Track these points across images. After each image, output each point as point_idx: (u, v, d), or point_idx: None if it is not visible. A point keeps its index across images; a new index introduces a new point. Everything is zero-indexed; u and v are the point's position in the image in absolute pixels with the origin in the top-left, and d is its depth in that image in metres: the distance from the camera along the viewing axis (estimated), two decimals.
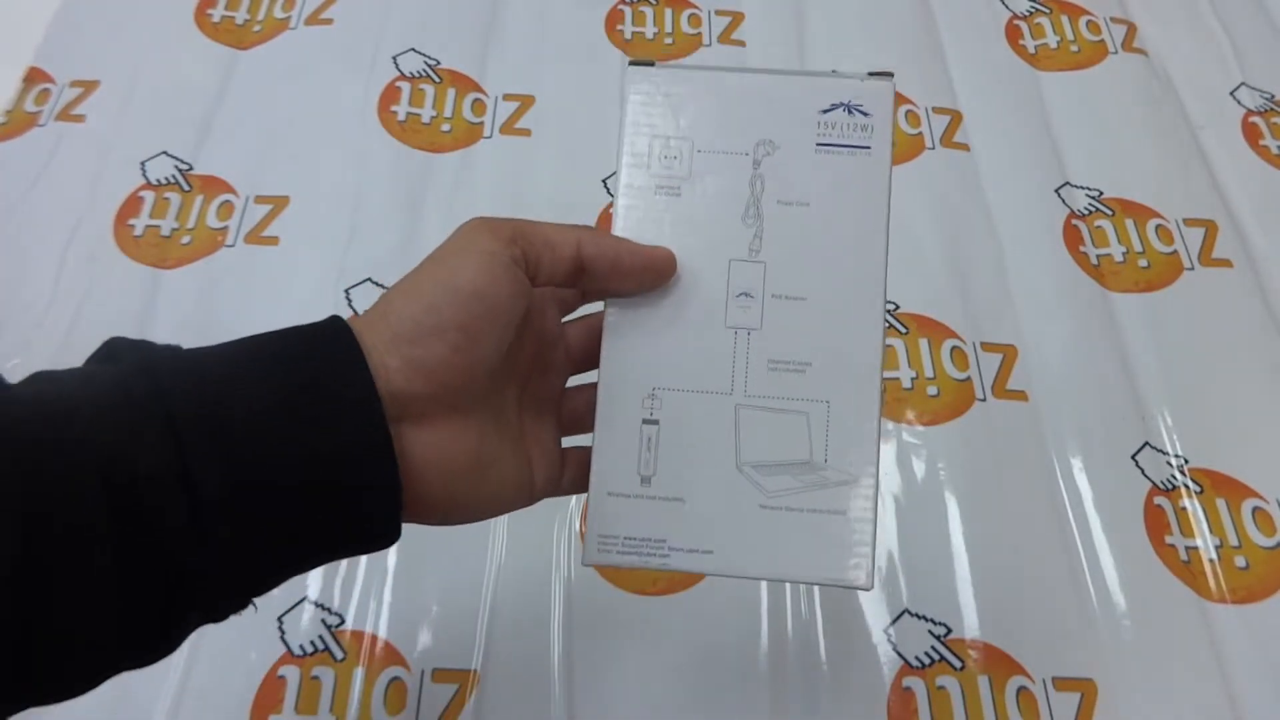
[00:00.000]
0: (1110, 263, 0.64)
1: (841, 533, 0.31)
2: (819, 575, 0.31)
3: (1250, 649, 0.50)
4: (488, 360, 0.29)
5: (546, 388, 0.34)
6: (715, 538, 0.31)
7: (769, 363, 0.32)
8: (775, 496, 0.31)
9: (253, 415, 0.25)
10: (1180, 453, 0.56)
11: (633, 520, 0.32)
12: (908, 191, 0.66)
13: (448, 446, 0.29)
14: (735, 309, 0.32)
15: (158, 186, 0.65)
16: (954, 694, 0.48)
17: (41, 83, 0.70)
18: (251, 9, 0.75)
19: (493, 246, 0.29)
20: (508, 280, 0.29)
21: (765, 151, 0.33)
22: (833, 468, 0.31)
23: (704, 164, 0.33)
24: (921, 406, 0.57)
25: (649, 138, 0.34)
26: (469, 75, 0.71)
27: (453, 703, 0.47)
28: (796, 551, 0.31)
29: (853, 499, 0.31)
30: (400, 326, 0.28)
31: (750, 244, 0.33)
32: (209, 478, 0.24)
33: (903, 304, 0.61)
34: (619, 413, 0.32)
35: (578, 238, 0.31)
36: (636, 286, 0.33)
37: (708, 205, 0.33)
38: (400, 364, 0.27)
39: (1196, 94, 0.72)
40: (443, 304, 0.28)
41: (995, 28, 0.76)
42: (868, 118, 0.33)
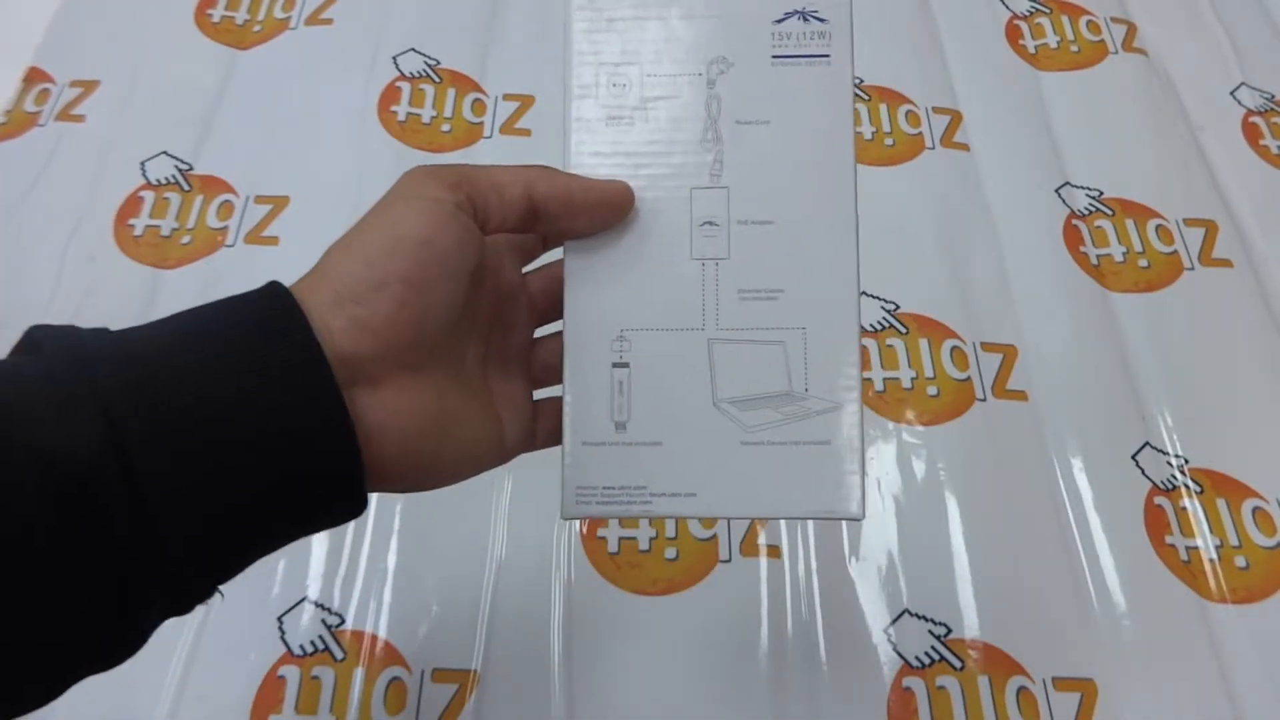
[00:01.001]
0: (1110, 263, 0.64)
1: (828, 463, 0.30)
2: (808, 508, 0.30)
3: (1250, 649, 0.50)
4: (438, 313, 0.28)
5: (512, 341, 0.33)
6: (697, 479, 0.30)
7: (739, 292, 0.31)
8: (756, 431, 0.30)
9: (194, 399, 0.23)
10: (1180, 453, 0.56)
11: (610, 468, 0.30)
12: (908, 191, 0.66)
13: (405, 408, 0.27)
14: (700, 239, 0.31)
15: (158, 186, 0.65)
16: (954, 694, 0.48)
17: (41, 83, 0.70)
18: (251, 9, 0.75)
19: (436, 193, 0.28)
20: (454, 227, 0.28)
21: (719, 69, 0.31)
22: (814, 396, 0.30)
23: (655, 89, 0.31)
24: (921, 406, 0.57)
25: (595, 66, 0.32)
26: (469, 75, 0.71)
27: (453, 703, 0.47)
28: (782, 486, 0.30)
29: (837, 427, 0.30)
30: (342, 285, 0.26)
31: (711, 169, 0.31)
32: (153, 471, 0.23)
33: (903, 304, 0.61)
34: (587, 359, 0.31)
35: (527, 178, 0.29)
36: (593, 225, 0.31)
37: (663, 132, 0.31)
38: (345, 325, 0.26)
39: (1196, 94, 0.72)
40: (385, 256, 0.27)
41: (995, 28, 0.76)
42: (825, 24, 0.31)
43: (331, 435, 0.25)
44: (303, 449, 0.25)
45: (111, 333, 0.25)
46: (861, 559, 0.52)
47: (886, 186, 0.66)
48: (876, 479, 0.54)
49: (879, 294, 0.61)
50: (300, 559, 0.51)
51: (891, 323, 0.60)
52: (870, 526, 0.53)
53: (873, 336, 0.60)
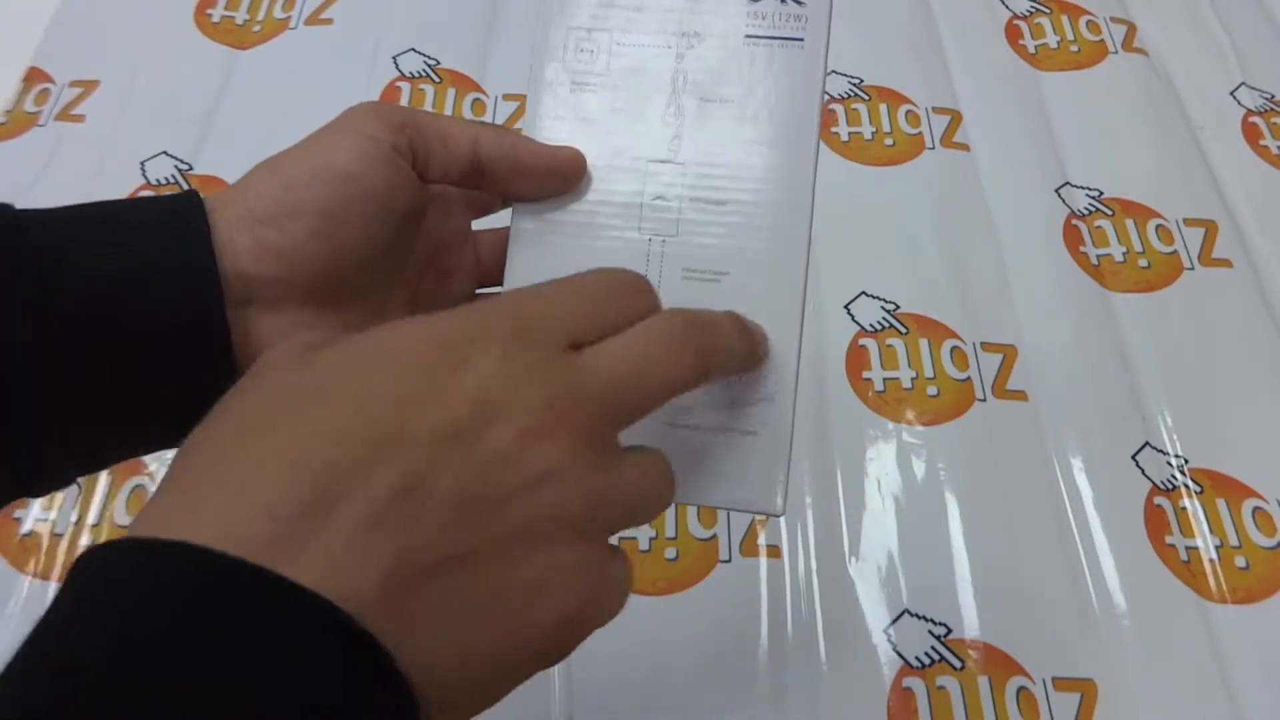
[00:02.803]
0: (1110, 263, 0.64)
1: (754, 454, 0.28)
2: (728, 499, 0.29)
3: (1250, 649, 0.50)
4: (354, 251, 0.27)
5: (444, 295, 0.32)
6: None
7: (683, 271, 0.30)
8: (682, 414, 0.29)
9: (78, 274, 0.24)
10: (1180, 453, 0.56)
11: None
12: (908, 191, 0.66)
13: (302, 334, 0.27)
14: (650, 213, 0.30)
15: (158, 186, 0.65)
16: (954, 694, 0.48)
17: (41, 83, 0.70)
18: (251, 9, 0.75)
19: (375, 131, 0.27)
20: (384, 168, 0.27)
21: (689, 44, 0.31)
22: (746, 385, 0.29)
23: (623, 57, 0.31)
24: (921, 406, 0.57)
25: (564, 30, 0.31)
26: (469, 75, 0.71)
27: None
28: (705, 474, 0.29)
29: (767, 419, 0.29)
30: (255, 204, 0.26)
31: (669, 144, 0.30)
32: (16, 333, 0.22)
33: (903, 304, 0.61)
34: None
35: (477, 134, 0.29)
36: (540, 189, 0.30)
37: (625, 102, 0.30)
38: (250, 243, 0.25)
39: (1196, 94, 0.72)
40: (303, 183, 0.26)
41: (995, 28, 0.76)
42: (802, 7, 0.30)
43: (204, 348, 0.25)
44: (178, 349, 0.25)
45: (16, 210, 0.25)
46: (861, 559, 0.52)
47: (886, 186, 0.66)
48: (877, 479, 0.54)
49: (879, 294, 0.61)
50: None
51: (891, 323, 0.60)
52: (870, 526, 0.53)
53: (873, 336, 0.60)
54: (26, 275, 0.23)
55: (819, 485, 0.54)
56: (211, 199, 0.26)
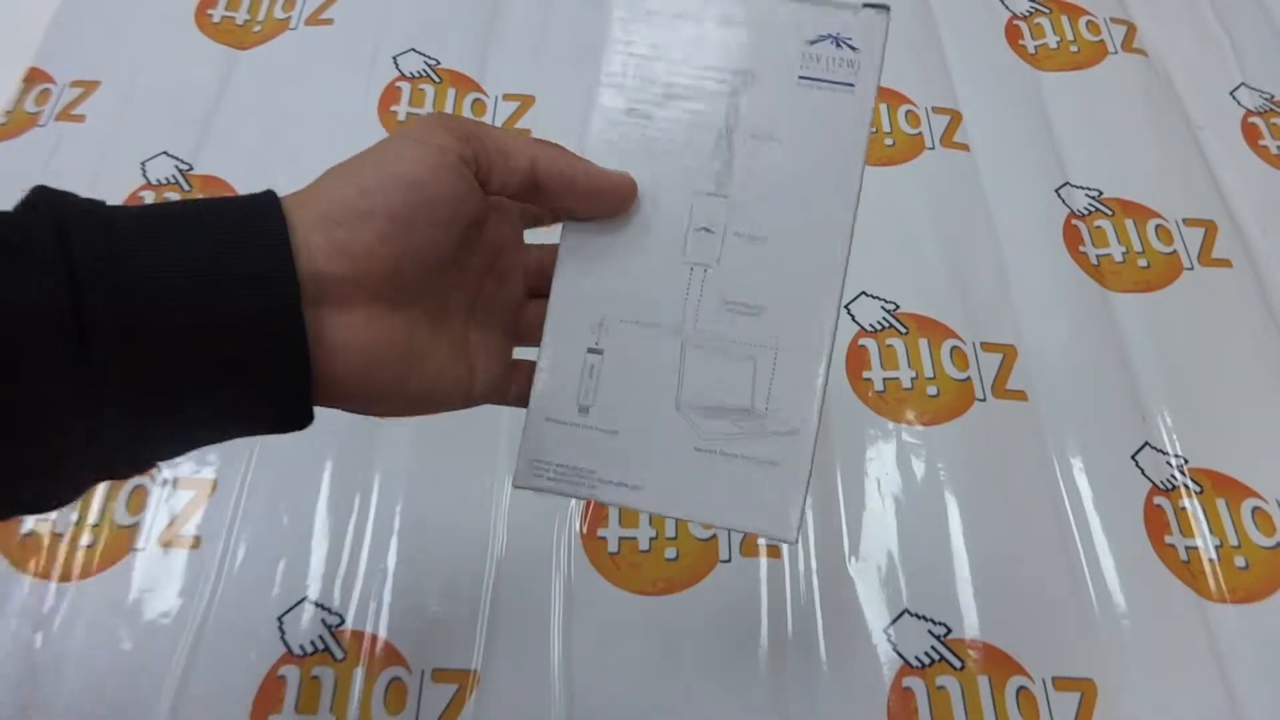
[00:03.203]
0: (1110, 263, 0.64)
1: (772, 483, 0.30)
2: (743, 523, 0.30)
3: (1250, 649, 0.50)
4: (421, 254, 0.28)
5: (500, 298, 0.33)
6: (645, 474, 0.31)
7: (723, 302, 0.31)
8: (710, 440, 0.30)
9: (157, 271, 0.24)
10: (1180, 453, 0.56)
11: (566, 448, 0.31)
12: (908, 191, 0.66)
13: (371, 334, 0.28)
14: (694, 243, 0.31)
15: (158, 186, 0.65)
16: (954, 694, 0.48)
17: (41, 83, 0.70)
18: (251, 9, 0.75)
19: (443, 141, 0.28)
20: (451, 177, 0.28)
21: (744, 81, 0.32)
22: (772, 417, 0.31)
23: (679, 89, 0.32)
24: (921, 406, 0.57)
25: (626, 56, 0.32)
26: (469, 75, 0.71)
27: (453, 703, 0.47)
28: (725, 497, 0.30)
29: (788, 450, 0.30)
30: (330, 206, 0.27)
31: (717, 177, 0.31)
32: (102, 326, 0.23)
33: (903, 304, 0.61)
34: (565, 338, 0.32)
35: (535, 153, 0.30)
36: (593, 210, 0.32)
37: (678, 133, 0.32)
38: (324, 243, 0.27)
39: (1196, 94, 0.72)
40: (376, 189, 0.27)
41: (995, 28, 0.76)
42: (855, 53, 0.32)
43: (284, 339, 0.26)
44: (254, 345, 0.25)
45: (104, 205, 0.26)
46: (861, 559, 0.52)
47: (886, 186, 0.66)
48: (877, 479, 0.54)
49: (879, 294, 0.61)
50: (300, 559, 0.51)
51: (891, 323, 0.60)
52: (870, 526, 0.53)
53: (873, 336, 0.60)
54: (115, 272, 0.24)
55: (819, 485, 0.54)
56: (287, 200, 0.27)
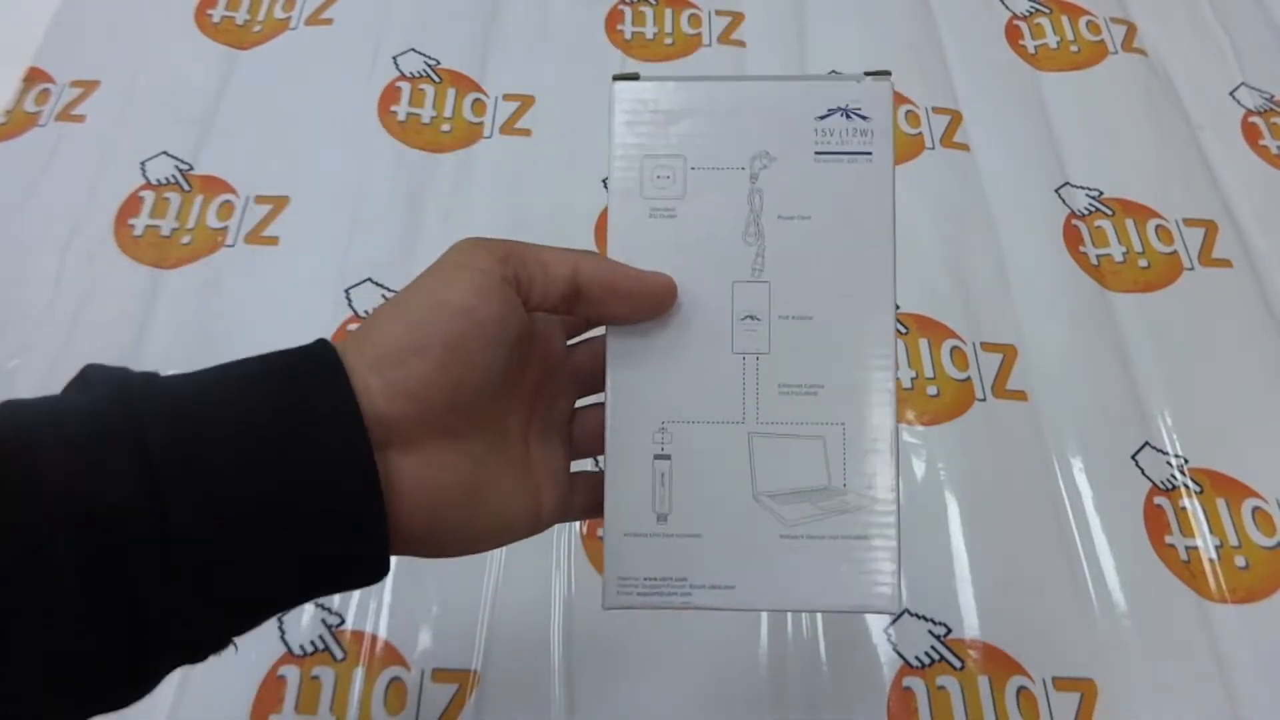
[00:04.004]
0: (1110, 263, 0.64)
1: (865, 557, 0.30)
2: (845, 602, 0.30)
3: (1250, 649, 0.50)
4: (477, 380, 0.28)
5: (554, 413, 0.33)
6: (736, 572, 0.31)
7: (780, 387, 0.31)
8: (795, 525, 0.30)
9: (228, 441, 0.24)
10: (1180, 453, 0.56)
11: (652, 560, 0.31)
12: (908, 191, 0.66)
13: (438, 473, 0.28)
14: (741, 333, 0.31)
15: (158, 186, 0.65)
16: (954, 694, 0.48)
17: (41, 83, 0.70)
18: (251, 9, 0.75)
19: (485, 264, 0.28)
20: (498, 298, 0.28)
21: (762, 164, 0.32)
22: (852, 491, 0.31)
23: (699, 182, 0.32)
24: (921, 406, 0.57)
25: (640, 158, 0.32)
26: (469, 75, 0.71)
27: (453, 703, 0.47)
28: (820, 580, 0.30)
29: (874, 522, 0.30)
30: (384, 346, 0.27)
31: (753, 264, 0.31)
32: (182, 510, 0.23)
33: (903, 304, 0.61)
34: (629, 449, 0.31)
35: (575, 261, 0.30)
36: (635, 314, 0.31)
37: (706, 225, 0.32)
38: (383, 385, 0.26)
39: (1196, 94, 0.72)
40: (427, 320, 0.27)
41: (995, 28, 0.76)
42: (867, 122, 0.32)
43: (360, 492, 0.25)
44: (331, 503, 0.25)
45: (159, 379, 0.26)
46: None
47: None
48: None
49: None
50: None
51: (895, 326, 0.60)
52: None
53: None
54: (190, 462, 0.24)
55: None
56: (341, 346, 0.27)
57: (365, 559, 0.26)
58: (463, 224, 0.63)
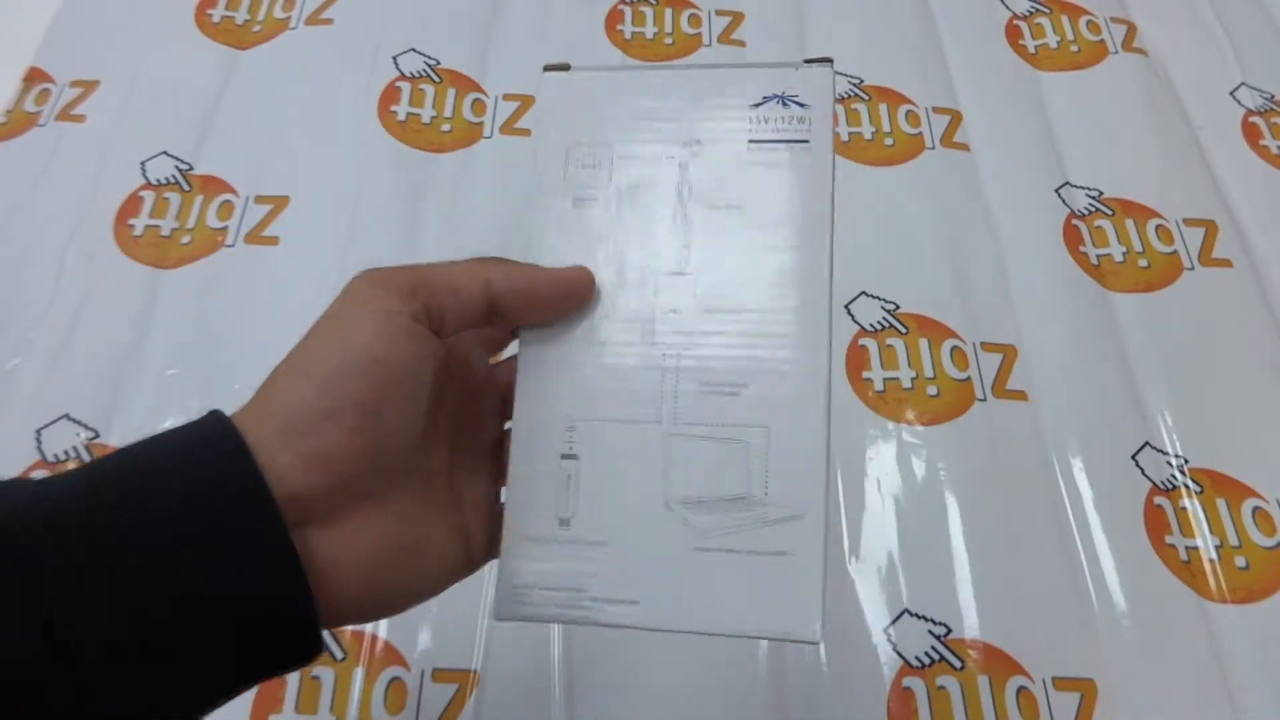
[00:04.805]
0: (1110, 263, 0.64)
1: (786, 577, 0.27)
2: (761, 628, 0.27)
3: (1250, 649, 0.50)
4: (396, 437, 0.26)
5: (479, 441, 0.31)
6: (641, 586, 0.28)
7: (701, 385, 0.28)
8: (709, 537, 0.27)
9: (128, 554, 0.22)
10: (1180, 453, 0.56)
11: (551, 568, 0.28)
12: (908, 191, 0.66)
13: (363, 542, 0.25)
14: (664, 327, 0.29)
15: (158, 186, 0.65)
16: (954, 694, 0.48)
17: (41, 83, 0.70)
18: (251, 9, 0.75)
19: (390, 304, 0.26)
20: (409, 343, 0.26)
21: (692, 152, 0.30)
22: (775, 502, 0.27)
23: (626, 170, 0.30)
24: (921, 406, 0.57)
25: (565, 146, 0.31)
26: (469, 75, 0.71)
27: (453, 703, 0.47)
28: (734, 600, 0.27)
29: (798, 537, 0.27)
30: (290, 413, 0.24)
31: (678, 255, 0.29)
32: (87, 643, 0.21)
33: (903, 304, 0.61)
34: (535, 448, 0.29)
35: (485, 274, 0.28)
36: (557, 315, 0.30)
37: (630, 216, 0.30)
38: (293, 459, 0.24)
39: (1196, 94, 0.72)
40: (335, 380, 0.25)
41: (995, 28, 0.76)
42: (805, 109, 0.30)
43: (282, 583, 0.23)
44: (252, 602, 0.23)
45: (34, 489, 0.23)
46: (861, 559, 0.52)
47: (886, 186, 0.66)
48: (877, 479, 0.54)
49: (879, 294, 0.61)
50: None
51: (891, 323, 0.60)
52: (870, 526, 0.53)
53: (873, 336, 0.60)
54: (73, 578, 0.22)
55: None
56: (240, 418, 0.24)
57: (296, 646, 0.24)
58: (463, 224, 0.63)
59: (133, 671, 0.22)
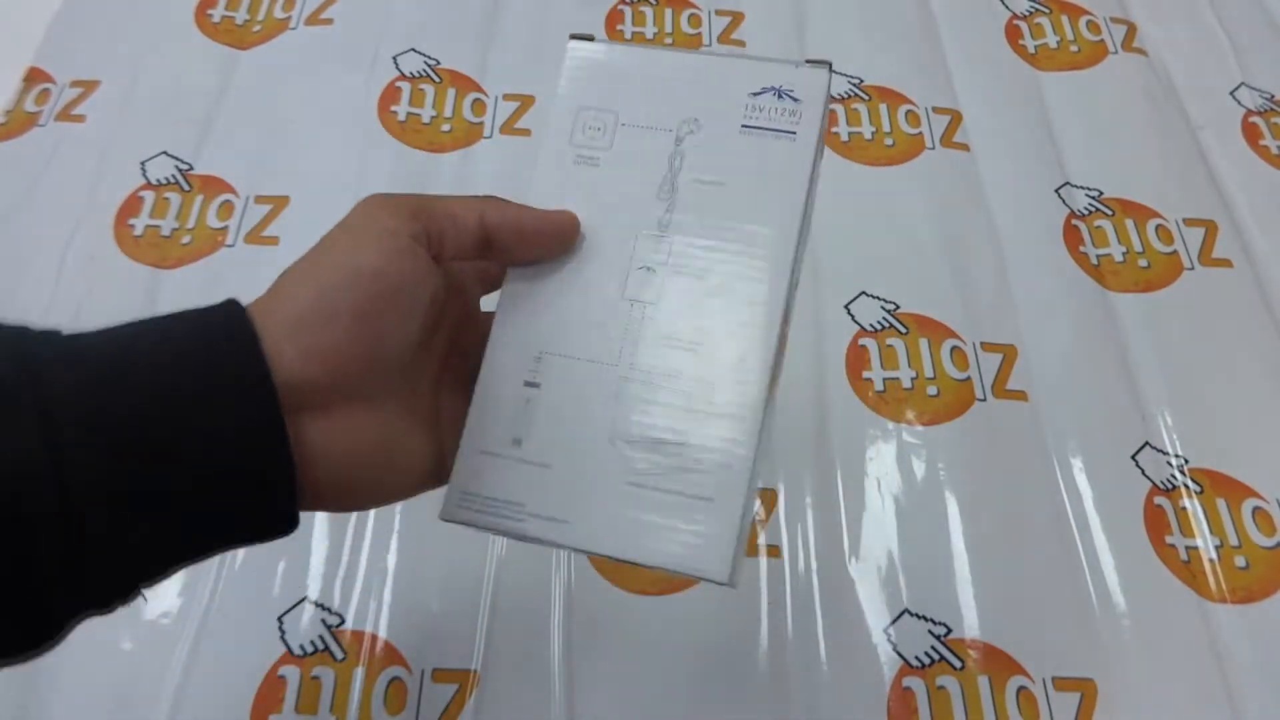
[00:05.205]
0: (1110, 263, 0.64)
1: (705, 520, 0.29)
2: (673, 562, 0.29)
3: (1250, 649, 0.50)
4: (390, 345, 0.28)
5: (465, 366, 0.33)
6: (574, 508, 0.30)
7: (660, 338, 0.31)
8: (642, 475, 0.30)
9: (136, 402, 0.24)
10: (1180, 453, 0.56)
11: (497, 480, 0.31)
12: (908, 191, 0.66)
13: (350, 436, 0.28)
14: (635, 281, 0.32)
15: (158, 186, 0.65)
16: (954, 694, 0.48)
17: (41, 83, 0.70)
18: (251, 9, 0.75)
19: (392, 224, 0.28)
20: (409, 260, 0.28)
21: (689, 129, 0.33)
22: (708, 450, 0.30)
23: (627, 137, 0.33)
24: (921, 406, 0.57)
25: (577, 108, 0.34)
26: (469, 75, 0.71)
27: (453, 703, 0.47)
28: (654, 534, 0.29)
29: (722, 485, 0.29)
30: (294, 311, 0.27)
31: (660, 219, 0.32)
32: (84, 465, 0.23)
33: (903, 304, 0.61)
34: (502, 372, 0.32)
35: (480, 208, 0.30)
36: (542, 252, 0.32)
37: (624, 177, 0.33)
38: (295, 352, 0.26)
39: (1196, 94, 0.72)
40: (338, 288, 0.27)
41: (995, 28, 0.76)
42: (797, 104, 0.32)
43: (269, 454, 0.25)
44: (240, 465, 0.25)
45: (62, 336, 0.25)
46: (861, 559, 0.52)
47: (886, 186, 0.66)
48: (877, 479, 0.55)
49: (879, 294, 0.61)
50: (300, 559, 0.51)
51: (891, 323, 0.60)
52: (870, 526, 0.53)
53: (873, 336, 0.60)
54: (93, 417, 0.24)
55: (819, 485, 0.54)
56: (252, 309, 0.27)
57: (274, 516, 0.26)
58: None
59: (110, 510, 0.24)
